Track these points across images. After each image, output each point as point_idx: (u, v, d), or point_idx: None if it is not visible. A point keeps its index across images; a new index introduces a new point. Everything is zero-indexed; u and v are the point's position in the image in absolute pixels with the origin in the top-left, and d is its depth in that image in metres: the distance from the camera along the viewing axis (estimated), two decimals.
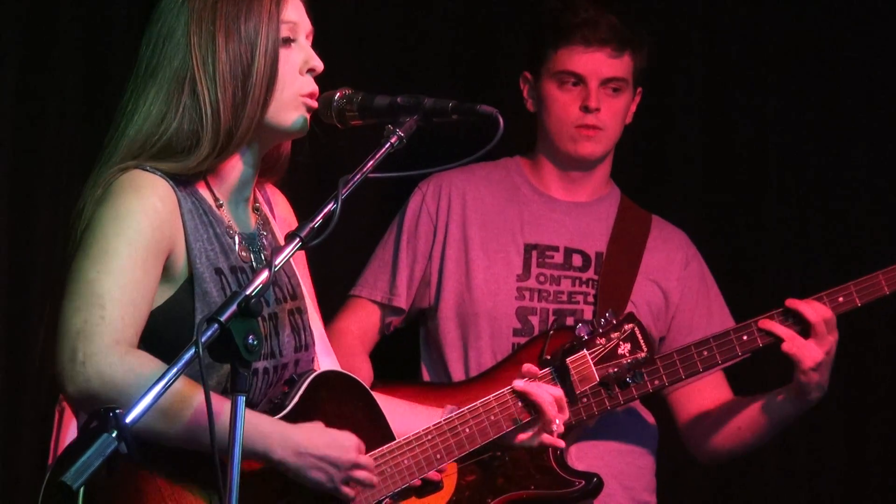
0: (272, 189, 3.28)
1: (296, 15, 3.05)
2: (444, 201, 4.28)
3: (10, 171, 4.16)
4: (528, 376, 3.47)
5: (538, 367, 3.57)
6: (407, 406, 3.41)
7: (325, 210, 2.83)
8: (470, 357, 4.19)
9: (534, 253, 4.24)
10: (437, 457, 3.31)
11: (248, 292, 2.66)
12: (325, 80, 3.09)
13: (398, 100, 3.02)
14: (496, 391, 3.46)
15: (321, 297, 3.34)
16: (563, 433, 3.50)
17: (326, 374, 3.16)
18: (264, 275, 2.71)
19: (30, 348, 4.12)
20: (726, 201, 4.91)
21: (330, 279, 4.03)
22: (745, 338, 4.05)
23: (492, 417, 3.40)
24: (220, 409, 2.76)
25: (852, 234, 4.90)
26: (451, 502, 3.86)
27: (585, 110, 4.17)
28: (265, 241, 3.14)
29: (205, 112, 2.96)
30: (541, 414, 3.40)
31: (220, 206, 3.07)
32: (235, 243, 3.08)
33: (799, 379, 4.04)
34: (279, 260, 2.77)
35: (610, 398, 3.97)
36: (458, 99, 3.02)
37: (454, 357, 4.22)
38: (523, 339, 4.14)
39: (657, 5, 4.80)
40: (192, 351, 2.58)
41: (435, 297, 4.25)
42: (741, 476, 4.86)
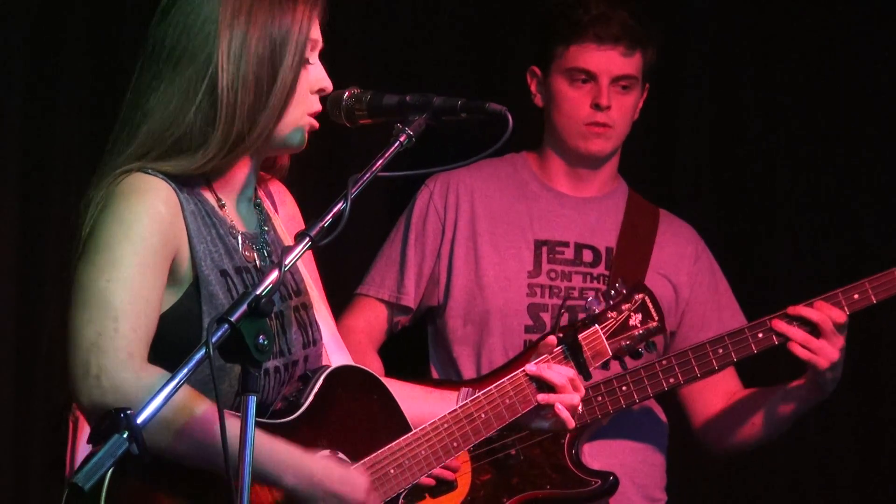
0: (279, 187, 3.27)
1: (317, 33, 3.04)
2: (451, 198, 4.27)
3: (21, 170, 4.17)
4: (545, 351, 3.44)
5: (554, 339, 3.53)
6: (421, 390, 3.40)
7: (335, 209, 2.82)
8: (482, 355, 4.19)
9: (544, 249, 4.24)
10: (455, 444, 3.29)
11: (258, 292, 2.65)
12: (333, 80, 3.09)
13: (407, 98, 3.01)
14: None
15: (330, 295, 3.33)
16: (577, 431, 3.48)
17: (340, 370, 3.16)
18: (274, 274, 2.70)
19: (41, 351, 4.13)
20: (735, 197, 4.91)
21: (340, 278, 4.03)
22: (760, 335, 4.04)
23: (507, 401, 3.38)
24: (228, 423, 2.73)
25: (865, 231, 4.89)
26: (465, 502, 3.85)
27: (596, 108, 4.16)
28: (268, 237, 3.13)
29: (220, 112, 2.93)
30: (556, 395, 3.38)
31: (222, 207, 3.06)
32: (239, 243, 3.07)
33: (814, 378, 4.04)
34: (289, 260, 2.76)
35: (625, 396, 3.97)
36: (467, 97, 3.02)
37: (465, 354, 4.21)
38: (535, 336, 4.13)
39: (667, 3, 4.80)
40: (202, 352, 2.58)
41: (444, 295, 4.24)
42: (748, 471, 4.85)
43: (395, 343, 4.32)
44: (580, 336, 3.55)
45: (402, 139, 2.95)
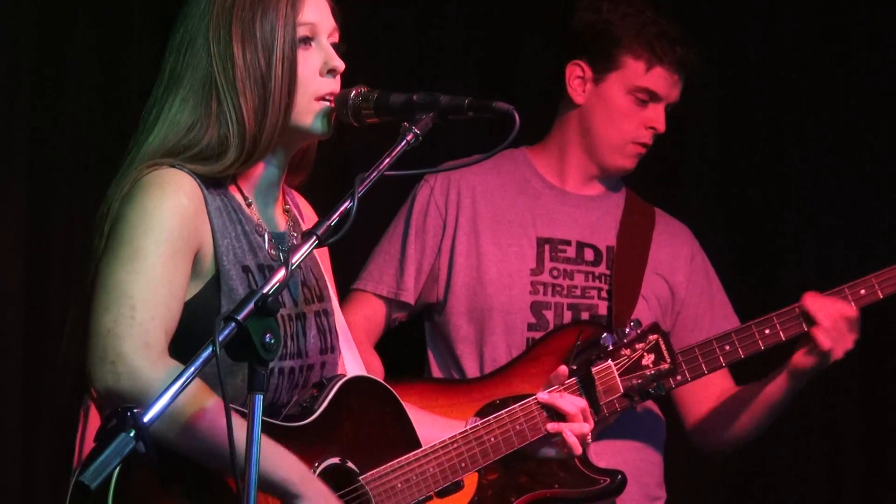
0: (303, 201, 3.29)
1: (314, 15, 3.04)
2: (453, 194, 4.26)
3: (28, 172, 4.18)
4: (557, 382, 3.48)
5: (566, 370, 3.57)
6: (430, 418, 3.41)
7: (342, 208, 2.82)
8: (485, 353, 4.18)
9: (546, 247, 4.23)
10: (462, 465, 3.33)
11: (264, 290, 2.65)
12: (341, 79, 3.09)
13: (414, 97, 3.01)
14: (513, 387, 3.46)
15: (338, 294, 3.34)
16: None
17: (356, 380, 3.17)
18: (281, 273, 2.71)
19: (49, 346, 4.14)
20: (742, 196, 4.91)
21: (347, 276, 4.03)
22: (767, 332, 4.05)
23: (517, 427, 3.42)
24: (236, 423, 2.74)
25: (870, 227, 4.89)
26: (473, 501, 3.85)
27: (651, 129, 4.17)
28: (295, 241, 3.13)
29: (230, 119, 2.96)
30: (567, 423, 3.41)
31: (249, 205, 3.08)
32: (265, 241, 3.08)
33: (812, 366, 4.03)
34: (296, 258, 2.76)
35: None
36: (474, 96, 3.02)
37: (467, 352, 4.21)
38: (538, 334, 4.13)
39: (676, 4, 4.79)
40: (209, 350, 2.59)
41: (444, 292, 4.23)
42: (748, 470, 4.86)
43: (390, 338, 4.30)
44: (594, 370, 3.60)
45: (409, 138, 2.95)
